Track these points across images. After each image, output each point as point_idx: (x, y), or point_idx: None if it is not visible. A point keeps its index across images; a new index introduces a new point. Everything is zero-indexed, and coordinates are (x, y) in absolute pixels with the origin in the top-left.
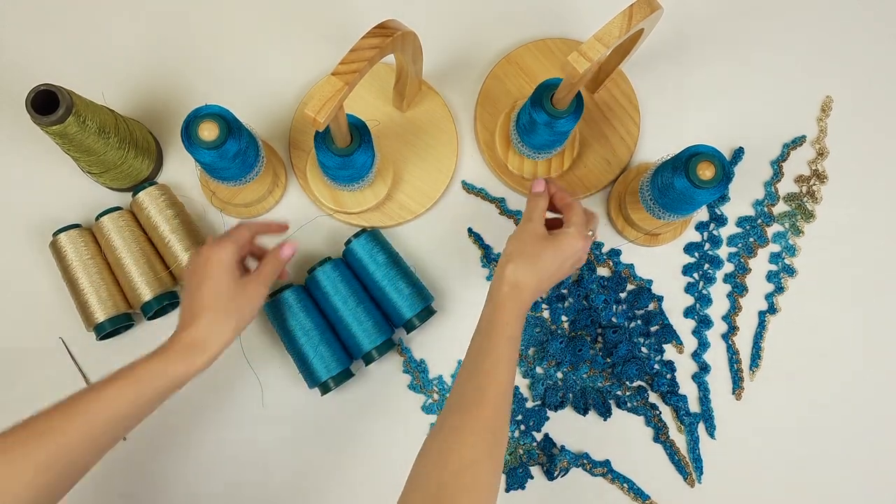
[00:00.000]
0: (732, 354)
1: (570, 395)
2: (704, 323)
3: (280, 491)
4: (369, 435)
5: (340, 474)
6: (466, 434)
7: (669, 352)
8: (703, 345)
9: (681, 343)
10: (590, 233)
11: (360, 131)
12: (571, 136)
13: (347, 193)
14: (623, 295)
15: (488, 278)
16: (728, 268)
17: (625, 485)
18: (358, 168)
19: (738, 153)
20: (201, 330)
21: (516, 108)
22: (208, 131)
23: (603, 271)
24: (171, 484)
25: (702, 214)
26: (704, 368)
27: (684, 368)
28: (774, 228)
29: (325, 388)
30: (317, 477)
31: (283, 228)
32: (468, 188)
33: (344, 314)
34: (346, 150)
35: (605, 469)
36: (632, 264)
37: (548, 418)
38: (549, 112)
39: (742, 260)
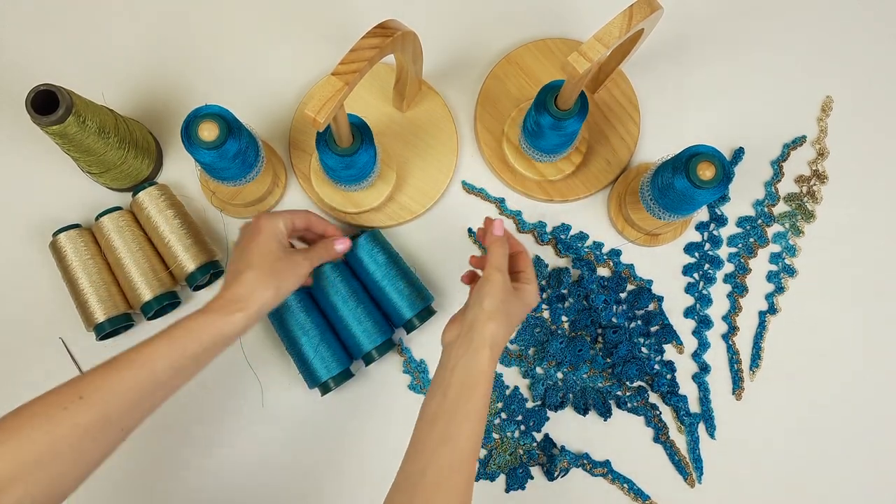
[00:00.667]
0: (732, 355)
1: (571, 395)
2: (704, 323)
3: (280, 491)
4: (369, 435)
5: (340, 474)
6: None
7: (669, 352)
8: (704, 345)
9: (681, 343)
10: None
11: (361, 131)
12: (579, 136)
13: (351, 194)
14: (623, 295)
15: None
16: (728, 268)
17: (625, 485)
18: (360, 167)
19: (739, 153)
20: (243, 287)
21: (521, 111)
22: (208, 131)
23: (603, 271)
24: (170, 483)
25: (702, 214)
26: (704, 369)
27: (684, 369)
28: (775, 228)
29: (325, 389)
30: (317, 477)
31: (345, 243)
32: (468, 188)
33: (344, 314)
34: (348, 150)
35: (605, 469)
36: (632, 264)
37: (548, 418)
38: (554, 114)
39: (742, 260)
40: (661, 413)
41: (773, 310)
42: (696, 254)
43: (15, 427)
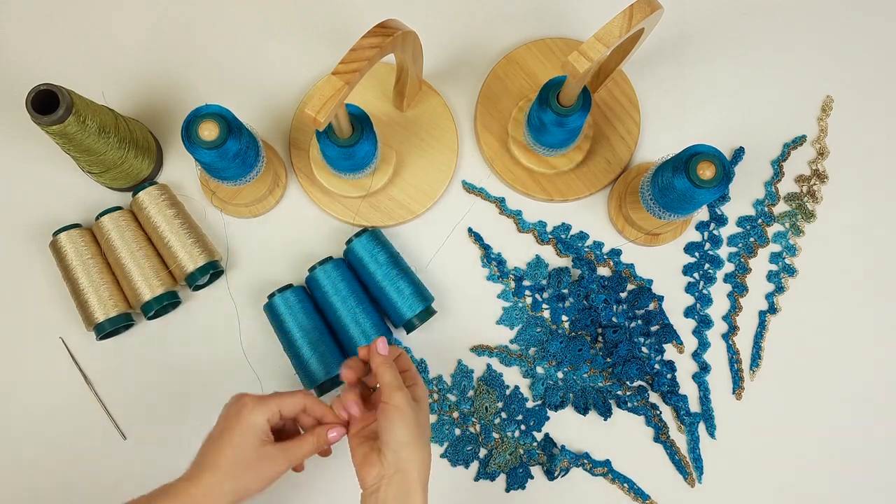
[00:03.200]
0: (733, 354)
1: (571, 394)
2: (705, 323)
3: (280, 491)
4: None
5: (340, 474)
6: None
7: (670, 352)
8: (704, 345)
9: (681, 343)
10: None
11: (361, 122)
12: (584, 131)
13: (349, 182)
14: (623, 295)
15: (489, 278)
16: (728, 267)
17: (625, 484)
18: (360, 158)
19: (739, 153)
20: (201, 487)
21: (520, 109)
22: (208, 131)
23: (603, 271)
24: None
25: (702, 214)
26: (705, 368)
27: (684, 368)
28: (775, 228)
29: (322, 390)
30: (316, 477)
31: (339, 431)
32: (468, 188)
33: (343, 315)
34: (348, 141)
35: (605, 469)
36: (632, 264)
37: (548, 418)
38: (557, 111)
39: (742, 260)
40: (661, 413)
41: (773, 309)
42: (697, 253)
43: None
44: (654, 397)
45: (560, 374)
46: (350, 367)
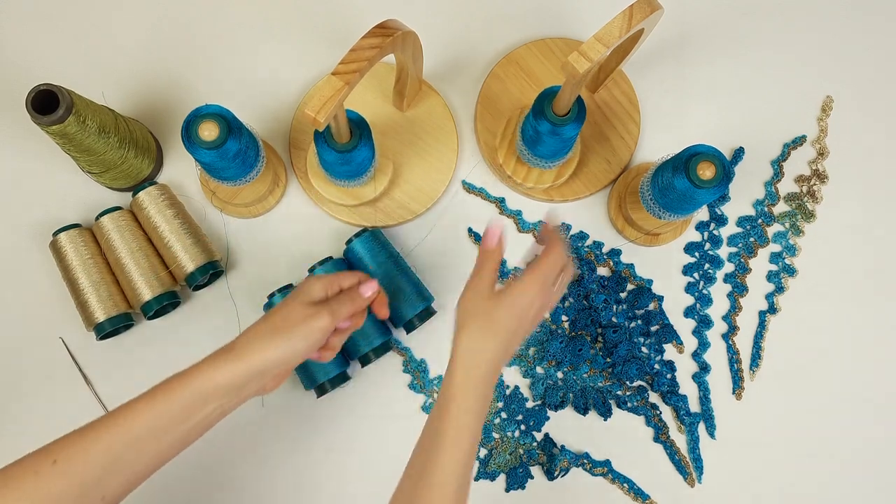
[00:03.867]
0: (733, 354)
1: (571, 394)
2: (704, 323)
3: (280, 491)
4: (369, 435)
5: (340, 474)
6: None
7: (669, 352)
8: (704, 345)
9: (681, 343)
10: (555, 286)
11: (359, 127)
12: (576, 143)
13: (348, 189)
14: (623, 295)
15: None
16: (728, 267)
17: (625, 485)
18: (358, 164)
19: (739, 153)
20: (240, 340)
21: (518, 120)
22: (208, 131)
23: (603, 271)
24: (170, 482)
25: (702, 214)
26: (704, 368)
27: (684, 368)
28: (775, 228)
29: (321, 391)
30: (316, 477)
31: (373, 287)
32: (468, 188)
33: None
34: (346, 147)
35: (605, 469)
36: (632, 264)
37: (548, 418)
38: (552, 120)
39: (742, 260)
40: (661, 413)
41: (773, 309)
42: (697, 253)
43: None
44: (653, 397)
45: (560, 374)
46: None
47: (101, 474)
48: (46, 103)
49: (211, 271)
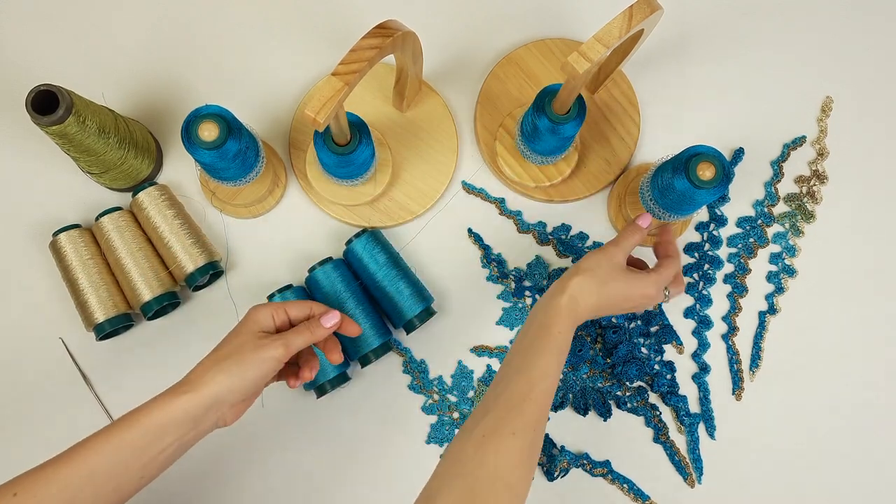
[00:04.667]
0: (732, 355)
1: (570, 395)
2: (704, 323)
3: (280, 491)
4: (369, 435)
5: (340, 474)
6: (506, 435)
7: (669, 352)
8: (703, 345)
9: (681, 343)
10: (666, 292)
11: (359, 129)
12: (575, 139)
13: (347, 189)
14: None
15: (488, 279)
16: (728, 268)
17: (625, 485)
18: (358, 165)
19: (739, 153)
20: (195, 372)
21: (515, 116)
22: (208, 131)
23: None
24: (170, 482)
25: (702, 215)
26: (704, 369)
27: (684, 369)
28: (774, 229)
29: (321, 391)
30: (316, 477)
31: (335, 317)
32: (468, 188)
33: None
34: (346, 149)
35: (605, 469)
36: None
37: (548, 418)
38: (552, 118)
39: (742, 260)
40: (660, 413)
41: (772, 310)
42: (696, 254)
43: None
44: (653, 398)
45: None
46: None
47: None
48: (46, 103)
49: (211, 272)
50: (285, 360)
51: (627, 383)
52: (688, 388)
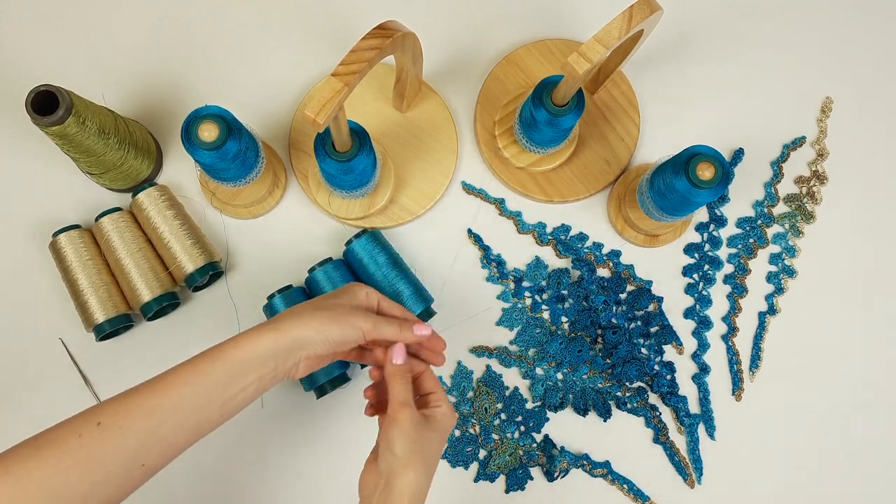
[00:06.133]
0: (732, 355)
1: (570, 395)
2: (704, 324)
3: (280, 491)
4: (369, 435)
5: (339, 474)
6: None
7: (669, 353)
8: (703, 346)
9: (681, 344)
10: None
11: (359, 136)
12: (572, 132)
13: (352, 202)
14: (623, 296)
15: (488, 279)
16: (728, 269)
17: (625, 486)
18: (359, 173)
19: (738, 154)
20: (282, 316)
21: (518, 101)
22: (208, 132)
23: (603, 272)
24: (170, 483)
25: (702, 215)
26: (704, 369)
27: (684, 369)
28: (774, 229)
29: (321, 392)
30: (316, 477)
31: (426, 329)
32: (468, 189)
33: None
34: (347, 156)
35: (605, 470)
36: (632, 265)
37: (547, 419)
38: (550, 109)
39: (742, 261)
40: (660, 414)
41: (772, 310)
42: (696, 254)
43: (23, 456)
44: (653, 398)
45: (560, 376)
46: (376, 368)
47: (144, 439)
48: (46, 104)
49: (211, 272)
50: (370, 337)
51: (627, 384)
52: (688, 389)
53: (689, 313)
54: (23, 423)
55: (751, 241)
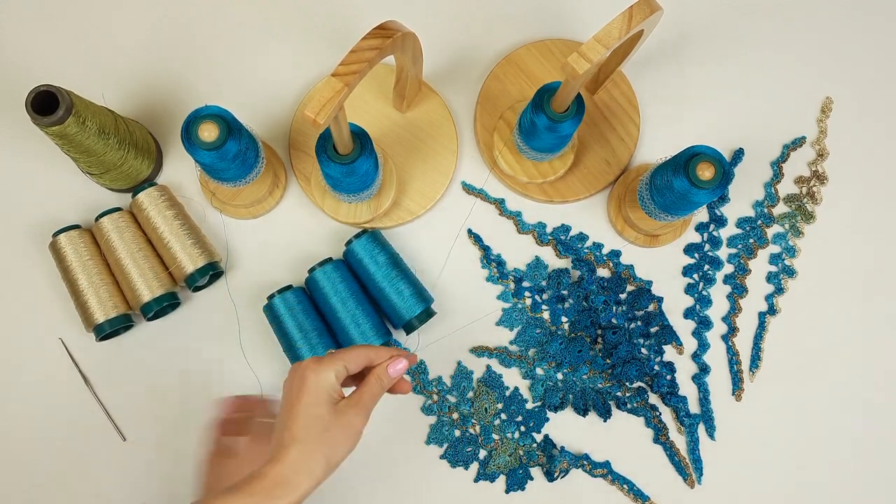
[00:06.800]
0: (732, 355)
1: (570, 396)
2: (704, 324)
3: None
4: (368, 435)
5: (339, 474)
6: None
7: (669, 353)
8: (703, 346)
9: (681, 344)
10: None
11: (360, 139)
12: (572, 138)
13: (356, 206)
14: (623, 296)
15: (488, 279)
16: (728, 269)
17: (625, 486)
18: (362, 175)
19: (738, 154)
20: (289, 465)
21: (516, 110)
22: (208, 132)
23: (603, 272)
24: (170, 483)
25: (702, 215)
26: (704, 369)
27: (684, 369)
28: (774, 229)
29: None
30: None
31: (400, 363)
32: (468, 189)
33: (342, 316)
34: (349, 158)
35: (605, 470)
36: (632, 265)
37: (548, 419)
38: (550, 116)
39: (742, 261)
40: (660, 414)
41: (772, 311)
42: (696, 255)
43: None
44: (653, 398)
45: (560, 376)
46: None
47: None
48: (46, 104)
49: (211, 272)
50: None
51: (627, 384)
52: (688, 389)
53: (689, 313)
54: (23, 423)
55: (751, 241)
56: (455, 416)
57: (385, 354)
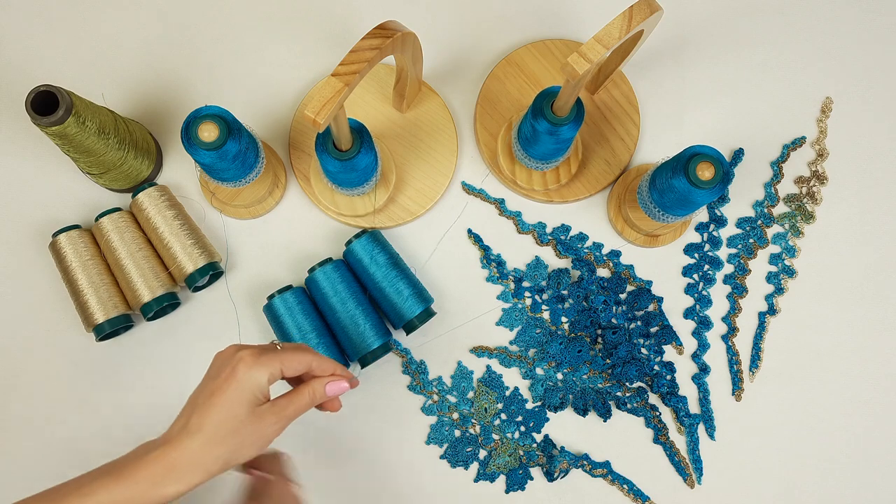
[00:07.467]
0: (732, 356)
1: (570, 396)
2: (704, 324)
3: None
4: (368, 435)
5: (339, 475)
6: None
7: (669, 353)
8: (703, 346)
9: (680, 344)
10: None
11: (360, 134)
12: (574, 143)
13: (351, 199)
14: (623, 296)
15: (488, 279)
16: (728, 269)
17: (625, 486)
18: (361, 171)
19: (738, 154)
20: (186, 454)
21: (515, 121)
22: (208, 132)
23: (603, 272)
24: None
25: (702, 215)
26: (704, 369)
27: (684, 369)
28: (774, 229)
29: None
30: (315, 477)
31: (339, 385)
32: (468, 189)
33: (342, 316)
34: (348, 154)
35: (605, 470)
36: (632, 265)
37: (548, 419)
38: (551, 120)
39: (742, 261)
40: (660, 414)
41: (772, 311)
42: (696, 255)
43: None
44: (653, 398)
45: (560, 376)
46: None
47: None
48: (46, 104)
49: (211, 272)
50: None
51: (627, 384)
52: (687, 389)
53: (689, 313)
54: (23, 423)
55: (751, 241)
56: (455, 416)
57: (328, 368)
